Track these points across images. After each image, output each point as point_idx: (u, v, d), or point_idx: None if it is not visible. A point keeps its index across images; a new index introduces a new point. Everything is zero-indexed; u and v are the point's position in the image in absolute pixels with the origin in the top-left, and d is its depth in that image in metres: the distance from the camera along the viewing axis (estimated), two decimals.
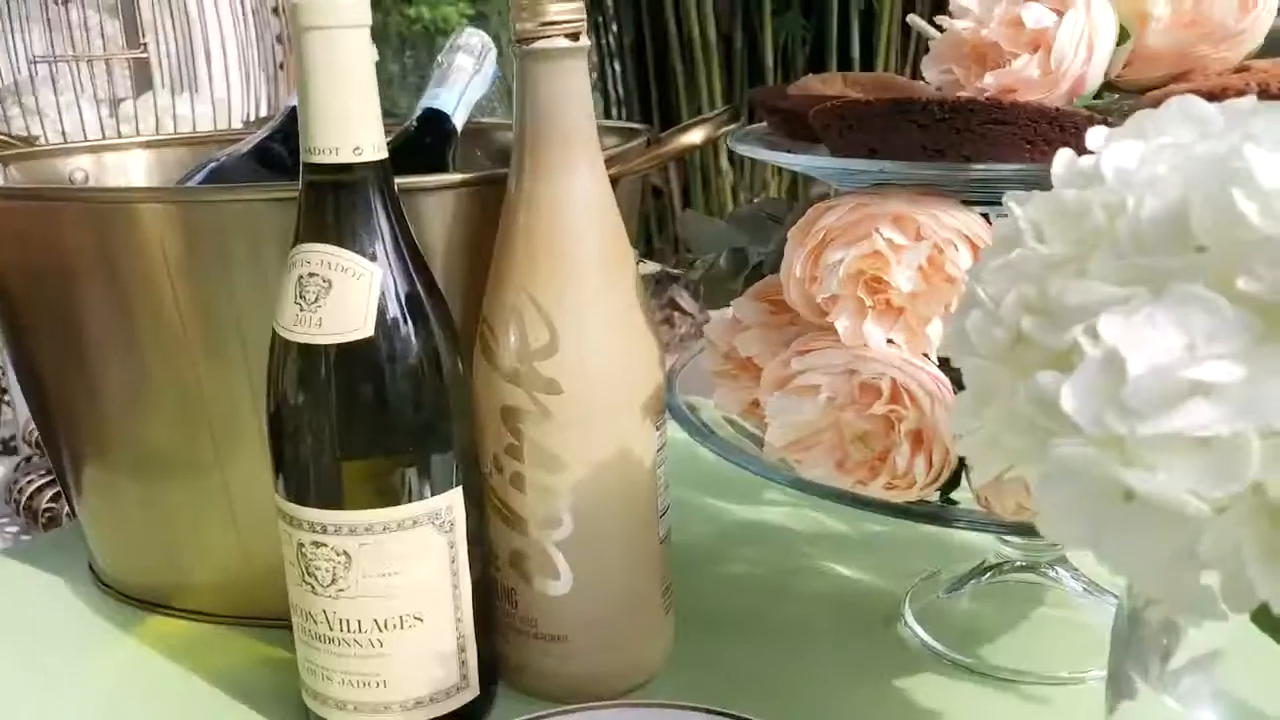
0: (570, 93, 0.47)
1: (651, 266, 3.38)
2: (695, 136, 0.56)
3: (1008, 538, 0.55)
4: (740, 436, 0.51)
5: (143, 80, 1.67)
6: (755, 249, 0.58)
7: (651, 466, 0.50)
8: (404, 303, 0.46)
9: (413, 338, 0.46)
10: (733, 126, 0.58)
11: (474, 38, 0.76)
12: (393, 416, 0.46)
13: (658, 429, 0.51)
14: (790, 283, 0.45)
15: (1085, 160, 0.32)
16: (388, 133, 0.74)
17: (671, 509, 0.53)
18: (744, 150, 0.51)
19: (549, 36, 0.46)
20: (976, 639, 0.54)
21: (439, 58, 0.75)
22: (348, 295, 0.45)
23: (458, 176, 0.52)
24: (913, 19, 0.63)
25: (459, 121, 0.71)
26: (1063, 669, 0.51)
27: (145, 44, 1.59)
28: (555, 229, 0.48)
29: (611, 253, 0.49)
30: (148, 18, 1.58)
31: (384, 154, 0.46)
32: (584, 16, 0.48)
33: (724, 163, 3.34)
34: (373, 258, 0.45)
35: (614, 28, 3.61)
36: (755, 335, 0.50)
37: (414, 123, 0.70)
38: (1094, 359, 0.27)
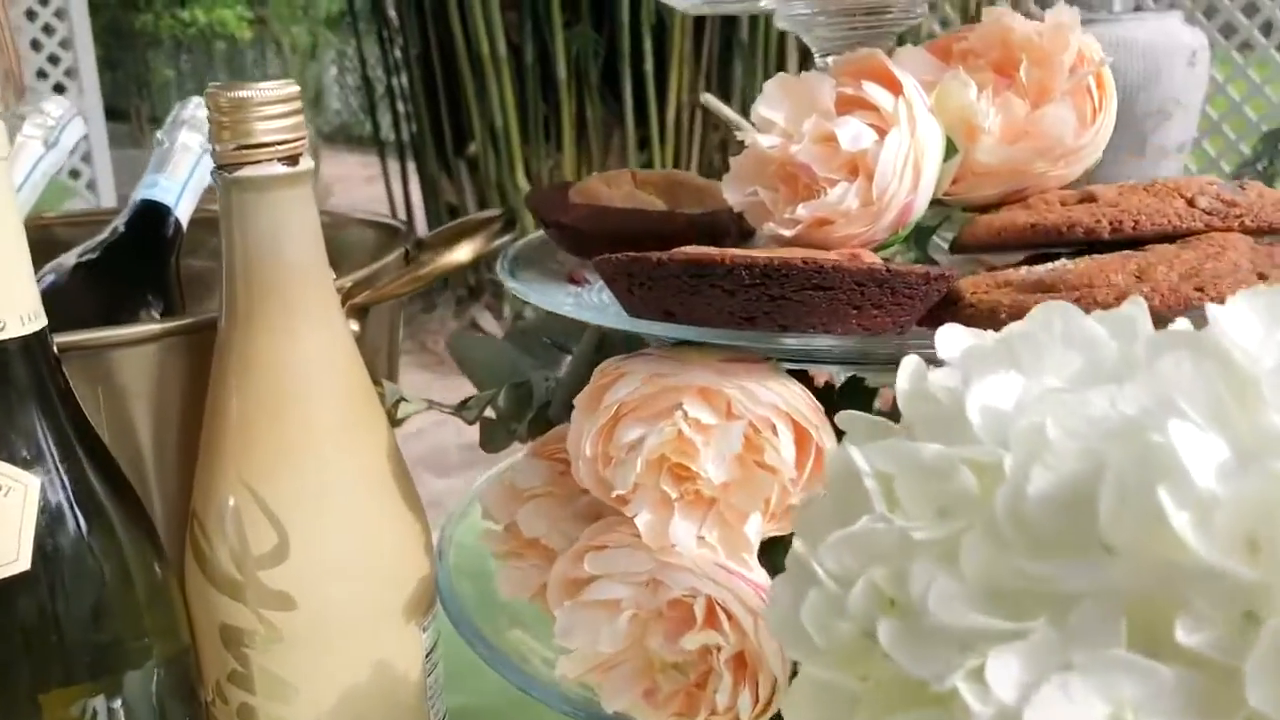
0: (291, 229, 0.38)
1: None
2: (463, 254, 0.47)
3: None
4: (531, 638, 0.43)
5: None
6: (541, 375, 0.49)
7: (418, 679, 0.41)
8: (77, 513, 0.35)
9: (90, 556, 0.35)
10: (507, 238, 0.49)
11: (201, 109, 0.64)
12: (70, 649, 0.35)
13: (425, 629, 0.42)
14: (579, 461, 0.37)
15: (940, 380, 0.25)
16: (92, 227, 0.61)
17: None
18: (518, 291, 0.42)
19: (258, 162, 0.36)
20: None
21: (159, 134, 0.63)
22: None
23: (157, 327, 0.41)
24: (707, 99, 0.56)
25: (185, 213, 0.60)
26: None
27: None
28: (277, 400, 0.38)
29: (354, 420, 0.39)
30: None
31: (40, 322, 0.35)
32: (303, 134, 0.38)
33: (521, 179, 3.25)
34: (27, 464, 0.34)
35: (400, 39, 3.46)
36: (541, 509, 0.41)
37: (121, 225, 0.58)
38: (985, 716, 0.19)
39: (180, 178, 0.61)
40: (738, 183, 0.40)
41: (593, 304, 0.43)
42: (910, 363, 0.26)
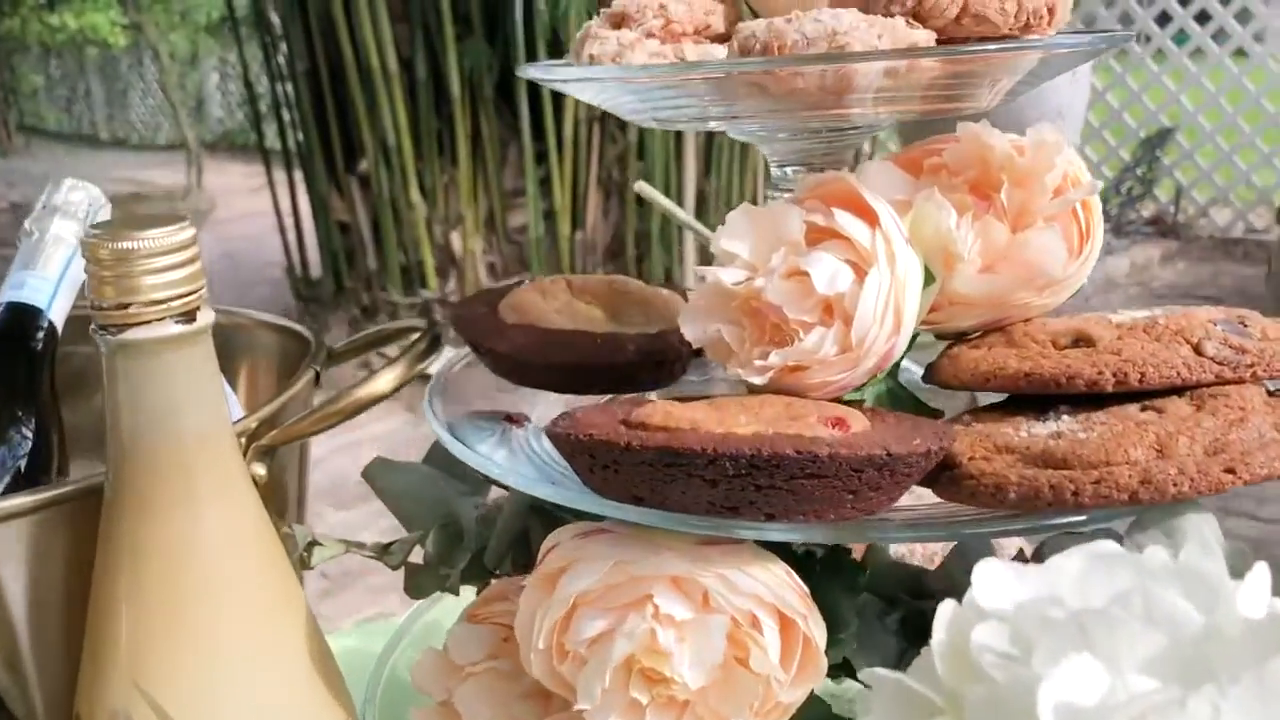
0: (189, 396, 0.32)
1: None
2: (384, 384, 0.42)
3: None
4: None
5: None
6: (471, 503, 0.44)
7: None
8: None
9: None
10: (431, 358, 0.44)
11: (76, 192, 0.58)
12: None
13: None
14: (530, 652, 0.32)
15: (989, 643, 0.21)
16: None
17: None
18: (445, 441, 0.37)
19: (148, 322, 0.31)
20: None
21: (26, 224, 0.56)
22: None
23: (29, 499, 0.35)
24: (641, 186, 0.52)
25: (60, 314, 0.54)
26: None
27: None
28: (176, 591, 0.32)
29: (265, 604, 0.34)
30: None
31: None
32: (201, 284, 0.32)
33: (414, 195, 3.17)
34: None
35: (283, 48, 3.34)
36: (483, 688, 0.36)
37: None
38: None
39: (53, 275, 0.54)
40: (697, 317, 0.36)
41: (537, 457, 0.38)
42: (947, 612, 0.22)
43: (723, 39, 0.39)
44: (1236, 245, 4.29)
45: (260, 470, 0.40)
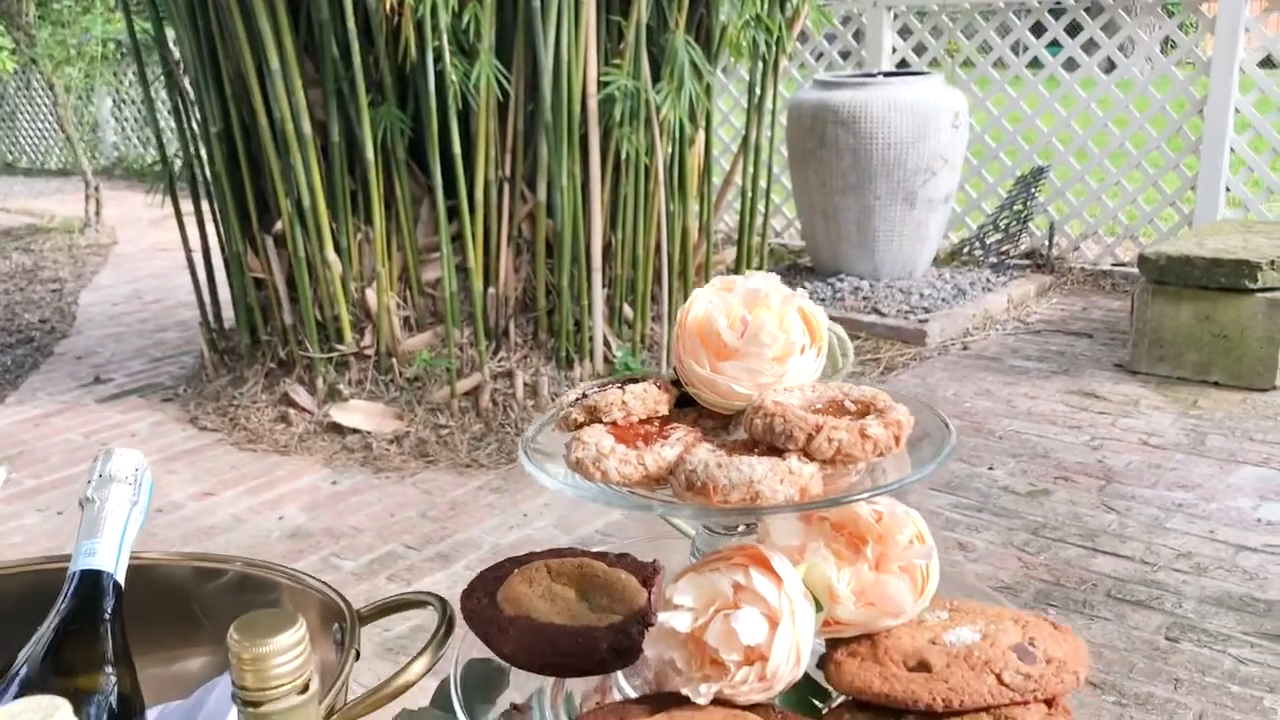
0: None
1: None
2: (417, 670, 0.56)
3: None
4: None
5: None
6: None
7: None
8: None
9: None
10: (448, 642, 0.58)
11: (123, 459, 0.70)
12: None
13: None
14: None
15: None
16: (37, 601, 0.66)
17: None
18: None
19: (277, 697, 0.45)
20: None
21: (87, 494, 0.68)
22: None
23: None
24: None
25: (123, 570, 0.66)
26: None
27: None
28: None
29: None
30: None
31: None
32: (310, 664, 0.46)
33: (330, 254, 3.25)
34: None
35: (197, 114, 3.39)
36: None
37: (67, 597, 0.63)
38: None
39: (116, 535, 0.66)
40: (655, 644, 0.51)
41: None
42: None
43: (666, 421, 0.54)
44: (1105, 277, 4.59)
45: None
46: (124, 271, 5.71)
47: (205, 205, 3.56)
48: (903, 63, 4.94)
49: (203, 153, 3.44)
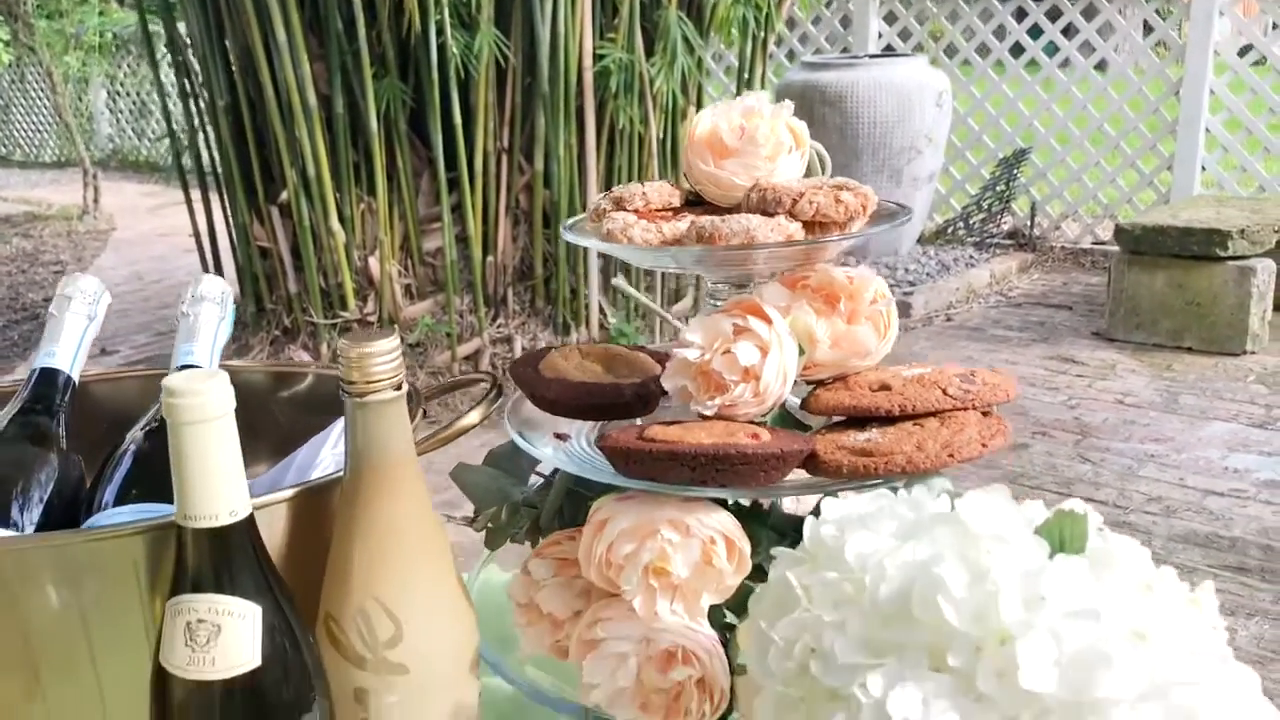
0: (397, 431, 0.58)
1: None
2: (473, 418, 0.68)
3: None
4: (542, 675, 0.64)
5: None
6: (519, 490, 0.71)
7: (476, 711, 0.62)
8: (278, 627, 0.55)
9: (288, 654, 0.55)
10: (498, 402, 0.70)
11: (214, 284, 0.82)
12: (283, 704, 0.55)
13: (478, 677, 0.63)
14: (589, 565, 0.59)
15: (827, 532, 0.49)
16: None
17: None
18: (529, 450, 0.64)
19: (377, 390, 0.57)
20: None
21: (183, 309, 0.80)
22: (236, 635, 0.53)
23: (286, 493, 0.61)
24: (618, 282, 0.79)
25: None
26: None
27: None
28: (393, 542, 0.58)
29: (434, 546, 0.60)
30: None
31: (249, 509, 0.54)
32: (403, 368, 0.58)
33: (334, 223, 3.37)
34: (251, 597, 0.54)
35: (205, 94, 3.50)
36: (552, 592, 0.63)
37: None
38: (868, 705, 0.43)
39: (209, 343, 0.78)
40: (672, 376, 0.63)
41: (578, 455, 0.65)
42: (811, 523, 0.49)
43: (678, 211, 0.67)
44: (1085, 255, 4.72)
45: None
46: (124, 255, 5.79)
47: (210, 181, 3.66)
48: (888, 48, 5.06)
49: (209, 130, 3.55)
